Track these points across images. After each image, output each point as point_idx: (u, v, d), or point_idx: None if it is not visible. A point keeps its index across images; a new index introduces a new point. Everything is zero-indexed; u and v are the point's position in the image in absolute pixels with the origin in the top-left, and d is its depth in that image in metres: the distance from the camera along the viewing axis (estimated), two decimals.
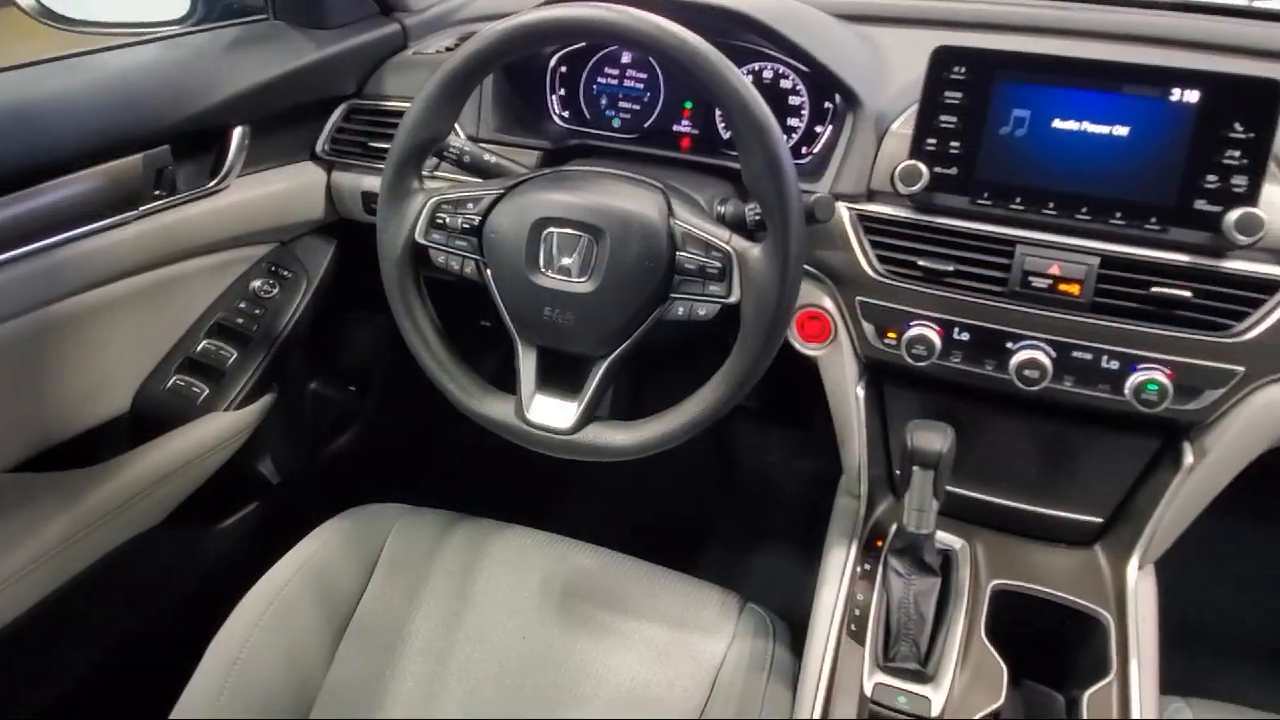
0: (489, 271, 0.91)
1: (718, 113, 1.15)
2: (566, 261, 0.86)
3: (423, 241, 0.91)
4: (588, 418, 0.89)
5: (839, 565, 1.01)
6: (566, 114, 1.21)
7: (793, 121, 1.11)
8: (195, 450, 1.19)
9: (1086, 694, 0.87)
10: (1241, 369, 0.85)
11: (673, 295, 0.86)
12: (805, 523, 1.10)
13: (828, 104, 1.08)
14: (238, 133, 1.11)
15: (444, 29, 1.34)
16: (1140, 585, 0.97)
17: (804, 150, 1.10)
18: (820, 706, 0.89)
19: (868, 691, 0.85)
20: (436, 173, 1.12)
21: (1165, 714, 0.91)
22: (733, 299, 0.83)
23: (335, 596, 1.05)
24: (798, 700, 0.92)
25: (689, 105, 1.16)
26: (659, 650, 0.99)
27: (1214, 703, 0.94)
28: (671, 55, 0.79)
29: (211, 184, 1.10)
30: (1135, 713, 0.86)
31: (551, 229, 0.87)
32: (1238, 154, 0.81)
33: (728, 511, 1.81)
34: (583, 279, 0.86)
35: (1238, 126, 0.80)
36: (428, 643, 1.02)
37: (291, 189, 1.22)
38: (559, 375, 0.93)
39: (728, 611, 1.03)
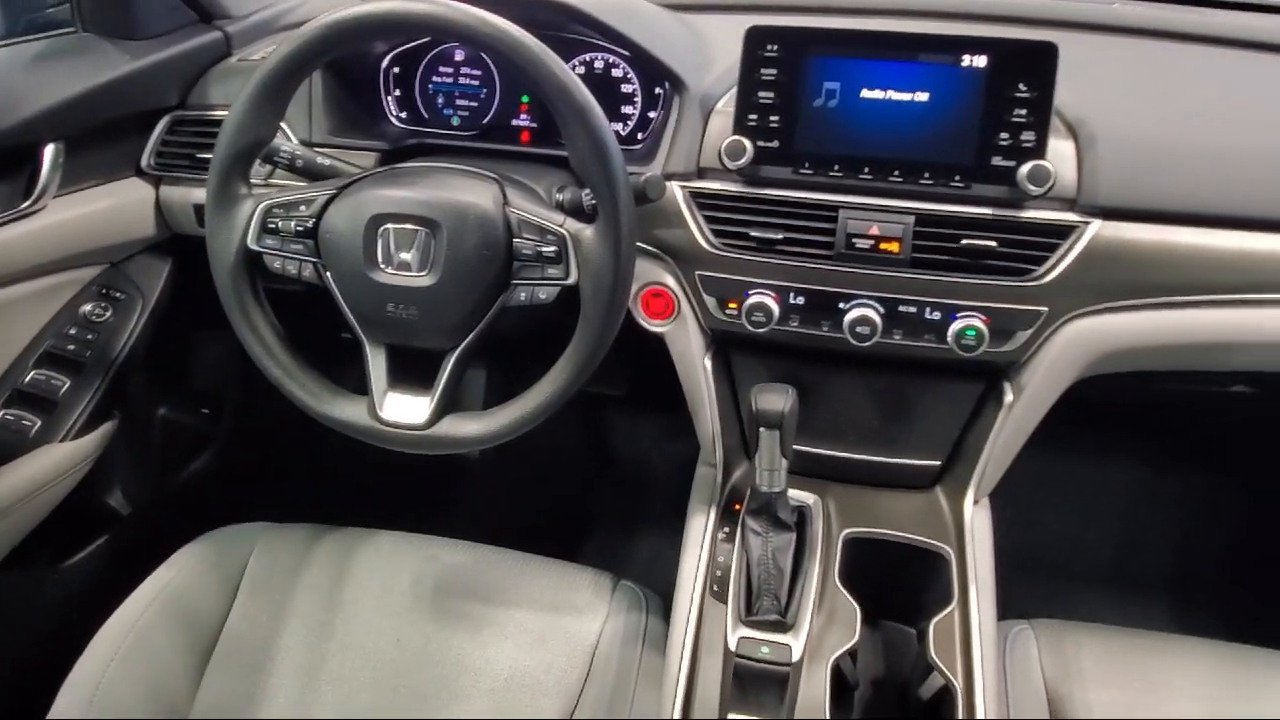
0: (328, 274, 0.90)
1: None
2: (405, 256, 0.86)
3: (255, 248, 0.90)
4: (442, 411, 0.89)
5: (700, 531, 1.04)
6: (404, 114, 1.20)
7: (627, 109, 1.14)
8: (32, 485, 1.12)
9: (932, 623, 0.93)
10: (1045, 309, 0.92)
11: (514, 281, 0.87)
12: (681, 501, 1.13)
13: (658, 90, 1.11)
14: (50, 150, 1.06)
15: (269, 34, 1.31)
16: (976, 518, 1.03)
17: (639, 135, 1.13)
18: (687, 666, 0.92)
19: (732, 646, 0.88)
20: (271, 179, 1.10)
21: (1008, 636, 0.98)
22: (571, 280, 0.85)
23: (196, 622, 1.01)
24: (666, 664, 0.95)
25: (526, 100, 1.17)
26: (535, 636, 1.00)
27: (1054, 621, 1.01)
28: (488, 45, 0.80)
29: (25, 205, 1.05)
30: (976, 635, 0.92)
31: (388, 225, 0.86)
32: (1024, 112, 0.88)
33: (605, 499, 1.83)
34: (423, 273, 0.86)
35: (1022, 87, 0.87)
36: (299, 657, 1.00)
37: (117, 206, 1.17)
38: (411, 372, 0.92)
39: (601, 590, 1.05)
